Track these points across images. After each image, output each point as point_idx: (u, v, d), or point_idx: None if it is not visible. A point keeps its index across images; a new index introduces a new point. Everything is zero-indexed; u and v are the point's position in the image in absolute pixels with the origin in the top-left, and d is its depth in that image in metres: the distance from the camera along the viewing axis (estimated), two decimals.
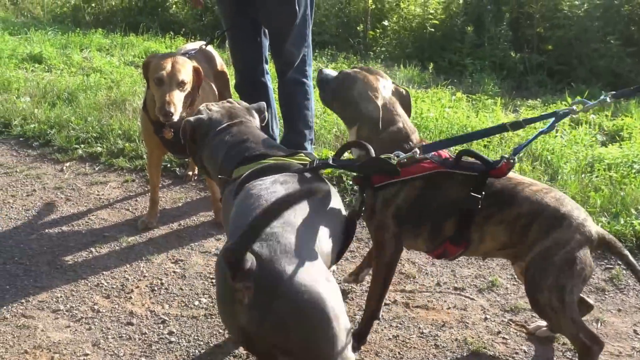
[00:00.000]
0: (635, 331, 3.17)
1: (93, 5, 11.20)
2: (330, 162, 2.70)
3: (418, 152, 2.71)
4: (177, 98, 3.62)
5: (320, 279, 2.09)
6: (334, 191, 2.72)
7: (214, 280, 3.55)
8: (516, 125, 2.80)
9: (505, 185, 2.72)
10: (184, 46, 4.59)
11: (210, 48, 4.53)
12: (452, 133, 5.47)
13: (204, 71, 3.92)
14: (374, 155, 2.67)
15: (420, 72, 8.16)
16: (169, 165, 5.00)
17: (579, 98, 2.72)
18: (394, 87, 3.02)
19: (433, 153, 2.81)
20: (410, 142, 2.85)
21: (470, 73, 8.17)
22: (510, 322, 3.23)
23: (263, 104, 3.27)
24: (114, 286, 3.50)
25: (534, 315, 3.24)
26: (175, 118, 3.60)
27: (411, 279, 3.61)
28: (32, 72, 7.67)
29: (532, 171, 4.73)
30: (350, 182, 4.52)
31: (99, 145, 5.37)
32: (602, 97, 2.74)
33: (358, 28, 9.55)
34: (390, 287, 3.04)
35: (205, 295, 3.42)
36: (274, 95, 4.70)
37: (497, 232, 2.73)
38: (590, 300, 3.08)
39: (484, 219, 2.71)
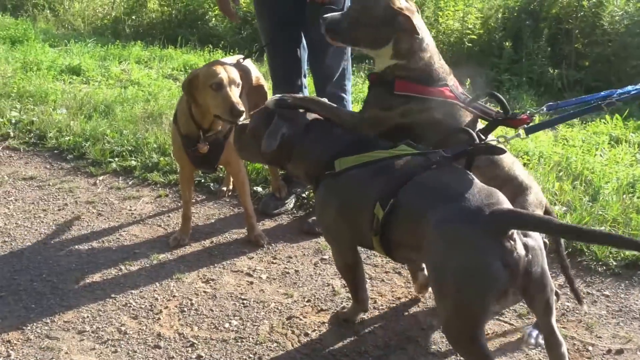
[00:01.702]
0: None
1: (133, 17, 11.26)
2: (450, 154, 2.80)
3: (522, 134, 2.90)
4: (239, 98, 3.62)
5: None
6: None
7: (245, 302, 3.49)
8: (610, 104, 3.00)
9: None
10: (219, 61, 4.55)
11: (246, 62, 4.47)
12: None
13: None
14: (477, 140, 2.85)
15: None
16: (202, 180, 4.95)
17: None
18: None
19: (454, 85, 3.06)
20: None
21: (507, 89, 8.06)
22: None
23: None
24: (143, 306, 3.45)
25: (575, 343, 3.13)
26: (242, 119, 3.55)
27: None
28: (70, 84, 7.68)
29: (572, 190, 4.57)
30: None
31: (133, 159, 5.33)
32: None
33: None
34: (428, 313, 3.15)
35: (236, 317, 3.35)
36: None
37: None
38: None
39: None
